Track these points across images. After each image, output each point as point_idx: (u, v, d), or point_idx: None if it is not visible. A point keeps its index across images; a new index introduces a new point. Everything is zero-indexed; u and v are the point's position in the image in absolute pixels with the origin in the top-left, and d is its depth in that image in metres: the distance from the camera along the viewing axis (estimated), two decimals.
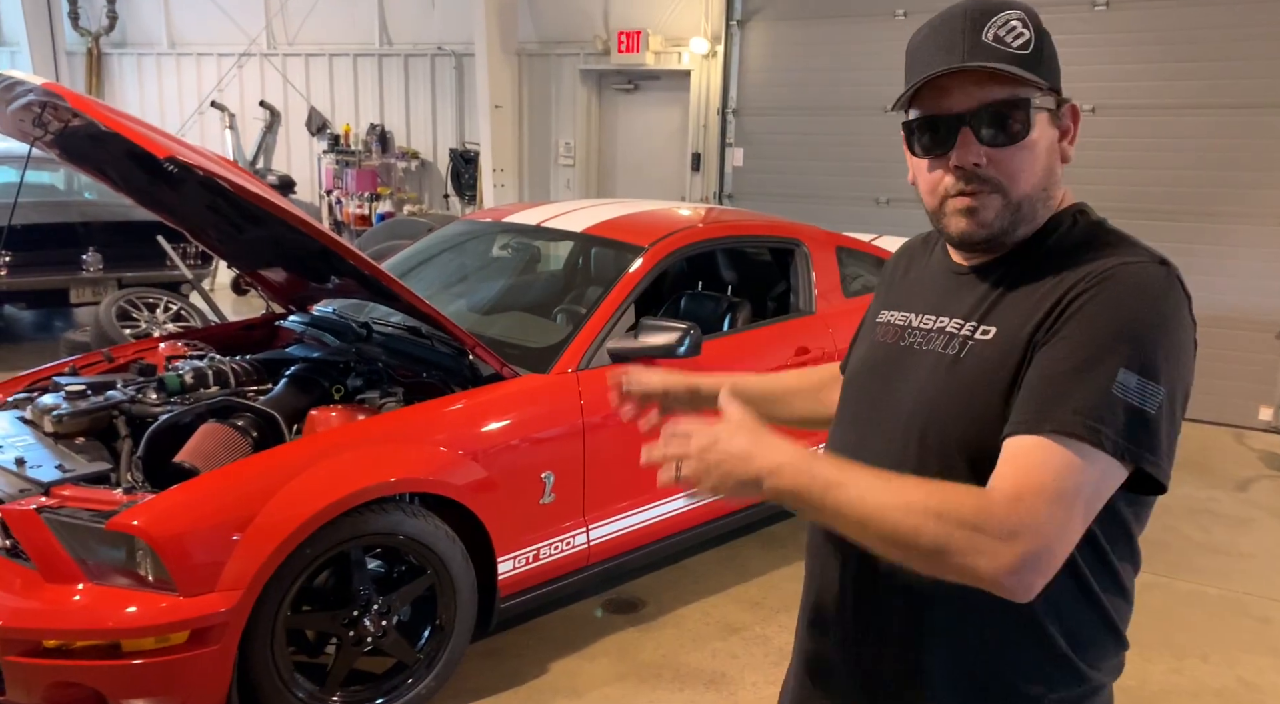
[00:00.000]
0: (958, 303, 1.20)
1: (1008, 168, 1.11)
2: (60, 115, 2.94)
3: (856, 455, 1.19)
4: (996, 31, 1.09)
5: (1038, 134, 1.11)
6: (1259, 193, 5.96)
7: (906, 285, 1.33)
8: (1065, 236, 1.15)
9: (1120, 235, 1.15)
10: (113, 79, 12.64)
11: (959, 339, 1.15)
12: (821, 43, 7.64)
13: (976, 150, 1.11)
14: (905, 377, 1.20)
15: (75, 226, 6.87)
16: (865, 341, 1.35)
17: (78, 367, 3.48)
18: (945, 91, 1.12)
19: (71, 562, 2.46)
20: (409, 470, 2.76)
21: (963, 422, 1.10)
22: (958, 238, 1.17)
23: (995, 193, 1.12)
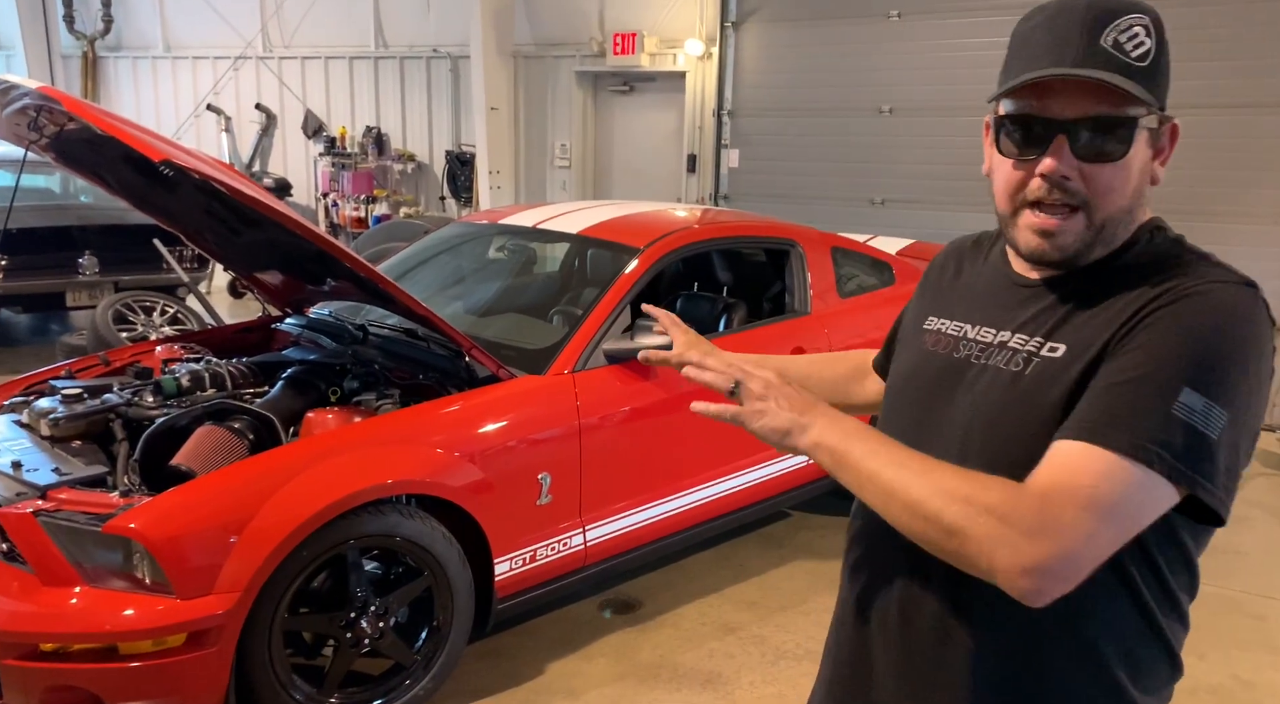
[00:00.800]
0: (1021, 317, 1.13)
1: (1097, 185, 1.04)
2: (56, 119, 2.94)
3: None
4: (1117, 36, 1.01)
5: (1135, 154, 1.05)
6: (1255, 192, 5.99)
7: (957, 292, 1.26)
8: (1142, 253, 1.09)
9: (1202, 254, 1.09)
10: (108, 82, 12.64)
11: (1023, 355, 1.09)
12: (816, 44, 7.66)
13: (1070, 162, 1.03)
14: (962, 391, 1.15)
15: (71, 230, 6.86)
16: (912, 349, 1.28)
17: (74, 370, 3.48)
18: (1049, 92, 1.04)
19: (68, 565, 2.46)
20: (406, 472, 2.76)
21: (1024, 440, 1.04)
22: (1026, 254, 1.11)
23: (1079, 211, 1.05)
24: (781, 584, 3.77)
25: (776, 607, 3.60)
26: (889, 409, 1.30)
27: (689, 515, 3.55)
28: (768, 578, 3.83)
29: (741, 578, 3.81)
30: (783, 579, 3.81)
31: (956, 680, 1.13)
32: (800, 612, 3.56)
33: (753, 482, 3.75)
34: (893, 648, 1.19)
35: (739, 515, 3.80)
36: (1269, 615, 3.67)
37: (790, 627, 3.46)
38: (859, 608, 1.25)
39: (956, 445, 1.12)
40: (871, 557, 1.24)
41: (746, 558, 3.98)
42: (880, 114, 7.38)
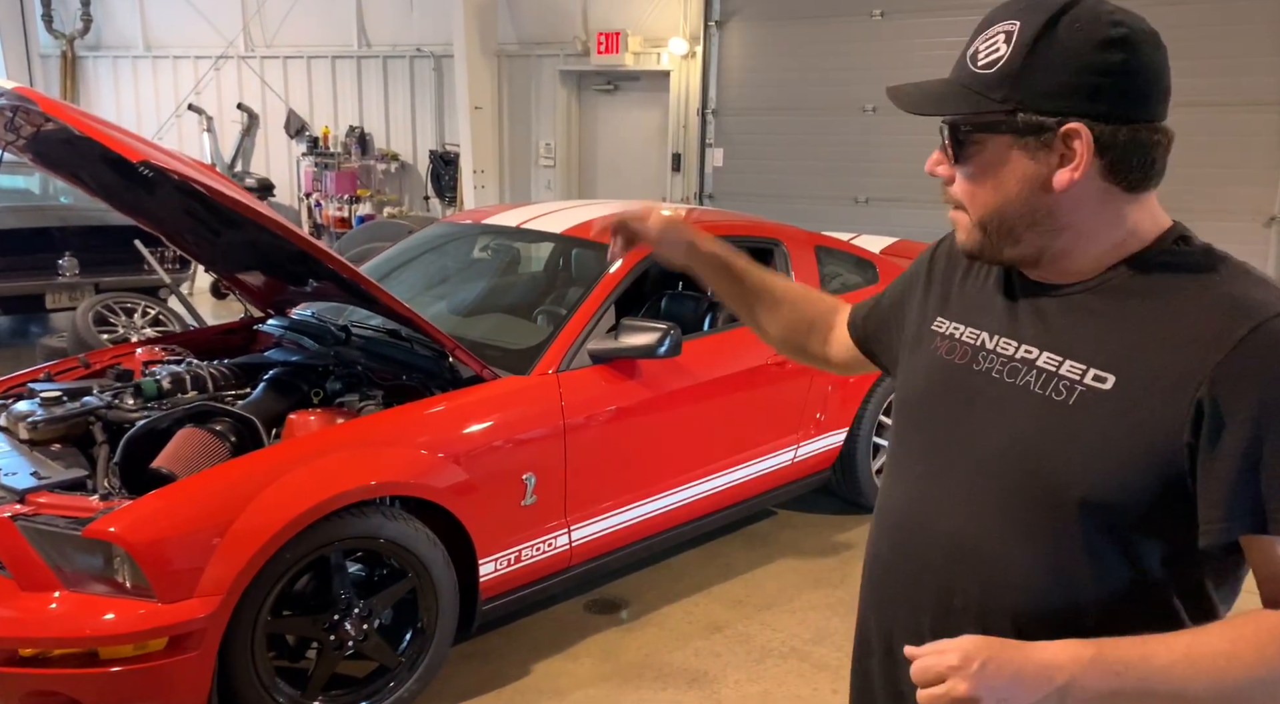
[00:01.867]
0: (1043, 331, 1.09)
1: (960, 187, 1.09)
2: (32, 119, 2.91)
3: (927, 489, 1.15)
4: (979, 45, 1.05)
5: (991, 157, 1.04)
6: (1234, 189, 6.04)
7: (966, 293, 1.22)
8: (1171, 268, 1.04)
9: (1234, 265, 1.04)
10: (88, 82, 12.55)
11: (1064, 381, 1.04)
12: (800, 43, 7.68)
13: (941, 163, 1.10)
14: (986, 409, 1.10)
15: (51, 231, 6.80)
16: (924, 354, 1.22)
17: (53, 372, 3.45)
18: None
19: (48, 569, 2.44)
20: (389, 473, 2.75)
21: (1086, 475, 1.00)
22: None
23: (963, 210, 1.10)
24: (766, 582, 3.77)
25: (762, 605, 3.61)
26: (906, 421, 1.23)
27: (674, 514, 3.56)
28: (753, 576, 3.84)
29: (727, 576, 3.82)
30: (768, 577, 3.82)
31: None
32: (786, 610, 3.57)
33: (737, 480, 3.75)
34: None
35: (724, 514, 3.81)
36: None
37: (776, 624, 3.47)
38: (884, 637, 1.22)
39: (993, 468, 1.08)
40: (898, 588, 1.19)
41: (731, 556, 3.99)
42: (864, 113, 7.41)
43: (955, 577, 1.10)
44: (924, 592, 1.14)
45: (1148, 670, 0.92)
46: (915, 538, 1.16)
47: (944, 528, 1.12)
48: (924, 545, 1.14)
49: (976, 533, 1.09)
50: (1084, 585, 1.03)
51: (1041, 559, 1.04)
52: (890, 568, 1.20)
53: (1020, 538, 1.05)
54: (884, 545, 1.22)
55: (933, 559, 1.13)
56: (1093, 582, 1.02)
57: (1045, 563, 1.04)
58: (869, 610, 1.25)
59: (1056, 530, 1.03)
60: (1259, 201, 6.02)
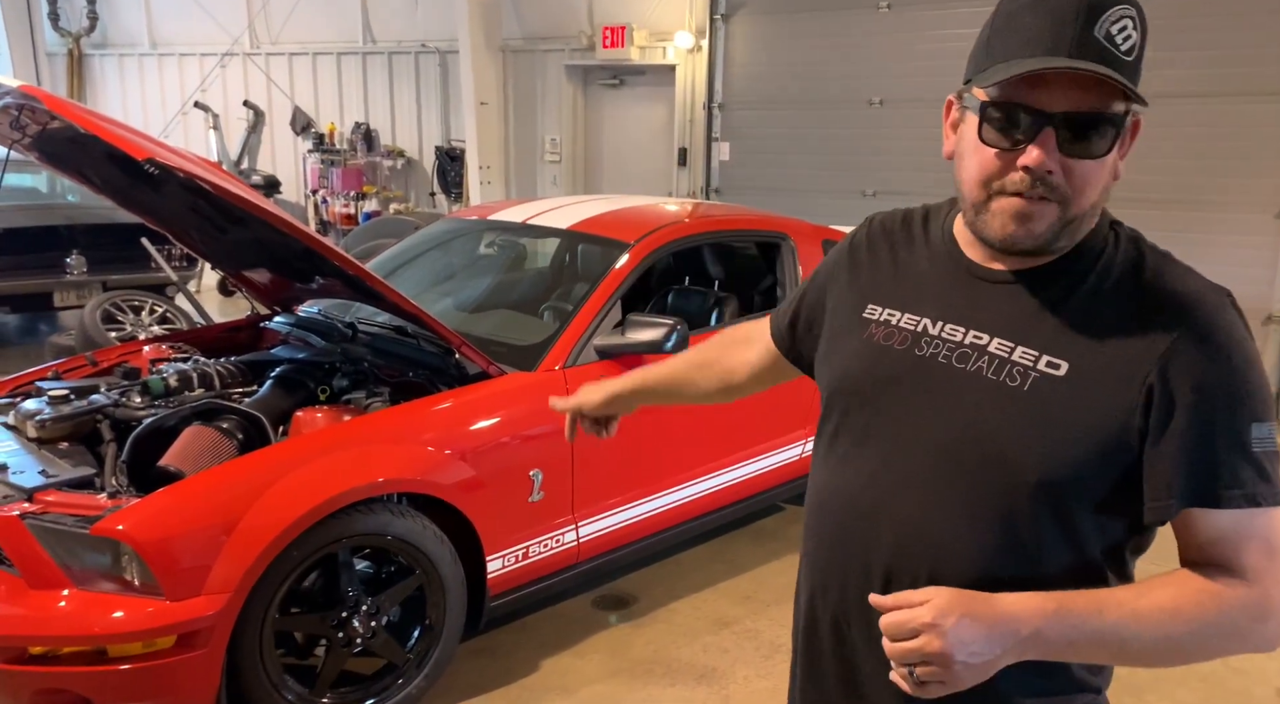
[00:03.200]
0: (994, 317, 1.10)
1: (1077, 181, 1.02)
2: (38, 118, 2.91)
3: (875, 472, 1.15)
4: (1109, 28, 0.98)
5: (1110, 149, 1.03)
6: (1247, 181, 5.99)
7: (900, 278, 1.21)
8: (1114, 256, 1.09)
9: (1163, 254, 1.11)
10: (94, 80, 12.57)
11: (1017, 367, 1.06)
12: (806, 35, 7.64)
13: (1055, 157, 1.01)
14: (939, 395, 1.11)
15: (58, 229, 6.82)
16: (855, 341, 1.21)
17: (61, 371, 3.45)
18: (1040, 83, 1.00)
19: (56, 568, 2.44)
20: (396, 471, 2.75)
21: (1042, 459, 1.04)
22: (1000, 241, 1.06)
23: (1055, 204, 1.03)
24: (774, 578, 3.76)
25: (770, 600, 3.60)
26: (845, 405, 1.20)
27: (682, 511, 3.55)
28: (761, 572, 3.83)
29: (735, 572, 3.81)
30: (776, 573, 3.80)
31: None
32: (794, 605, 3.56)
33: (745, 476, 3.74)
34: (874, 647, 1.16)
35: (731, 510, 3.80)
36: None
37: (784, 620, 3.46)
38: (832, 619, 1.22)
39: (942, 452, 1.10)
40: (845, 570, 1.19)
41: (739, 552, 3.98)
42: (871, 106, 7.37)
43: (904, 558, 1.12)
44: (871, 574, 1.15)
45: (1100, 625, 1.00)
46: (863, 520, 1.16)
47: (893, 510, 1.13)
48: (872, 528, 1.15)
49: (926, 515, 1.10)
50: (1029, 566, 1.07)
51: (991, 540, 1.07)
52: (836, 549, 1.20)
53: (970, 520, 1.08)
54: (828, 527, 1.22)
55: (881, 541, 1.14)
56: (1038, 562, 1.07)
57: (994, 544, 1.07)
58: (815, 592, 1.25)
59: (1008, 513, 1.06)
60: (1270, 194, 5.97)
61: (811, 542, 1.27)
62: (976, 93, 1.05)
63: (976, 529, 1.08)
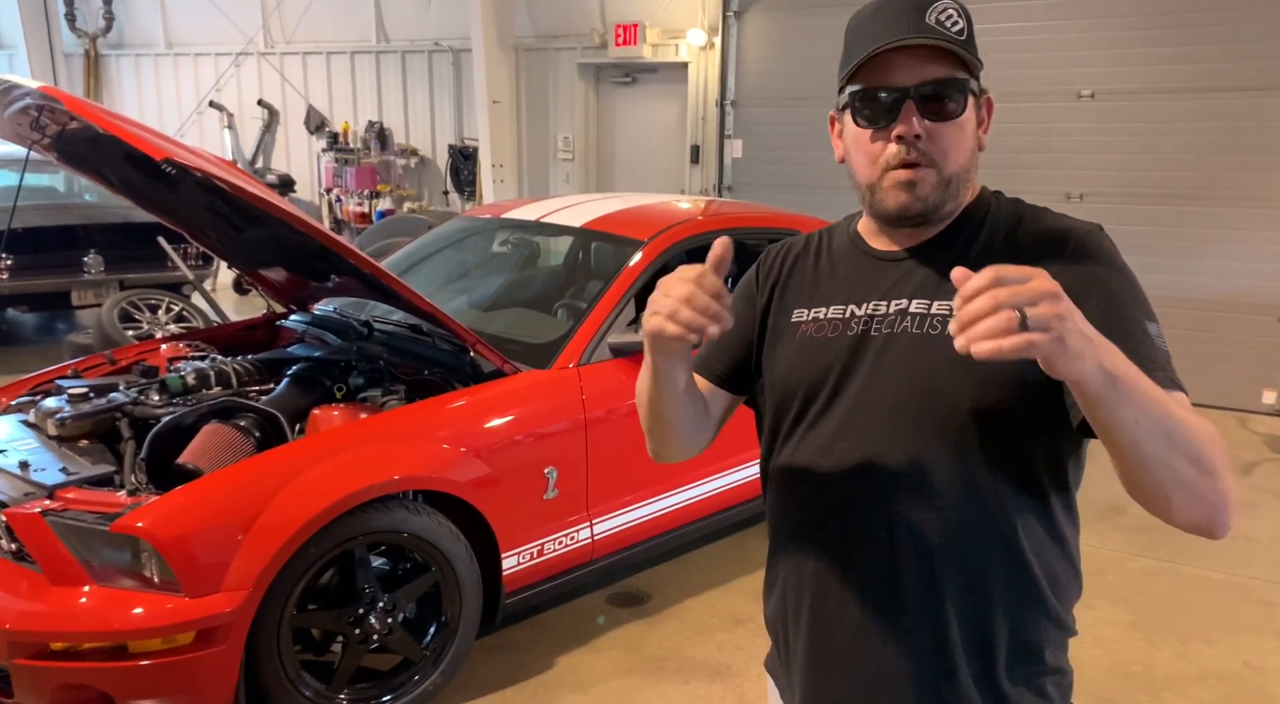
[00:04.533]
0: (908, 284, 1.23)
1: (942, 144, 1.17)
2: (57, 118, 2.94)
3: (839, 446, 1.22)
4: (938, 16, 1.15)
5: (968, 115, 1.18)
6: (1259, 176, 5.94)
7: (812, 284, 1.32)
8: (997, 214, 1.24)
9: (1041, 208, 1.25)
10: (111, 80, 12.65)
11: (936, 318, 1.18)
12: (818, 32, 7.61)
13: (919, 122, 1.15)
14: (878, 360, 1.21)
15: (76, 229, 6.87)
16: (789, 343, 1.30)
17: (80, 369, 3.48)
18: (890, 67, 1.16)
19: (77, 564, 2.47)
20: (412, 468, 2.77)
21: (970, 387, 1.14)
22: (896, 211, 1.19)
23: (930, 168, 1.17)
24: None
25: None
26: (790, 408, 1.28)
27: (696, 508, 3.55)
28: None
29: (749, 570, 3.81)
30: None
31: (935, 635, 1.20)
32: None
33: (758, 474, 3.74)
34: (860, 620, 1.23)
35: (746, 507, 3.80)
36: (1278, 602, 3.66)
37: None
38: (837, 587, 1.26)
39: (895, 407, 1.19)
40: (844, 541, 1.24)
41: (754, 550, 3.98)
42: None
43: (879, 515, 1.20)
44: (853, 539, 1.22)
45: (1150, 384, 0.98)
46: (833, 492, 1.23)
47: (861, 474, 1.21)
48: (843, 496, 1.22)
49: (891, 470, 1.19)
50: (983, 492, 1.16)
51: (945, 473, 1.17)
52: (809, 527, 1.27)
53: (925, 455, 1.17)
54: (796, 508, 1.30)
55: (854, 505, 1.22)
56: (991, 487, 1.16)
57: (949, 476, 1.17)
58: (798, 572, 1.29)
59: (956, 442, 1.16)
60: None
61: (795, 526, 1.32)
62: (844, 93, 1.22)
63: (936, 468, 1.17)
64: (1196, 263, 6.03)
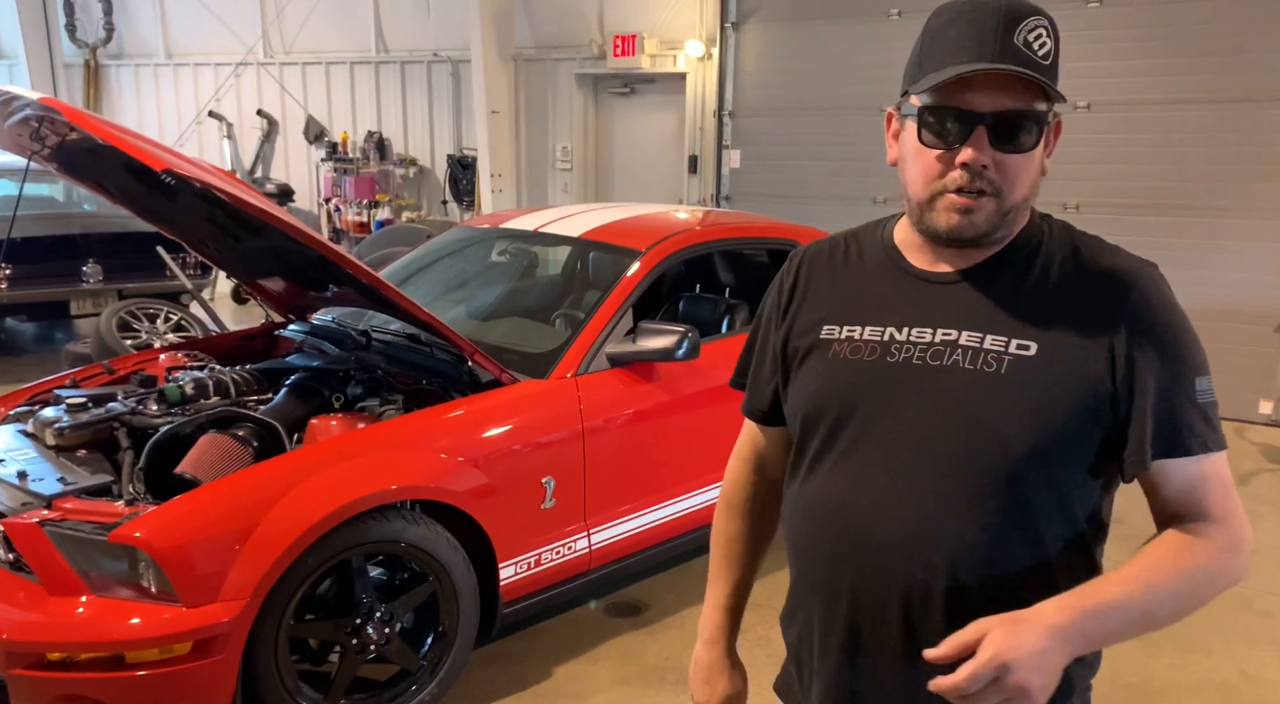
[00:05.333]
0: (957, 314, 1.17)
1: (1009, 175, 1.12)
2: (57, 129, 2.95)
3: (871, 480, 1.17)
4: (1026, 36, 1.09)
5: (1037, 145, 1.13)
6: (1256, 186, 5.96)
7: (847, 296, 1.26)
8: (1051, 245, 1.19)
9: (1094, 238, 1.22)
10: (110, 90, 12.68)
11: (991, 354, 1.14)
12: (816, 43, 7.65)
13: (988, 153, 1.11)
14: (921, 394, 1.15)
15: (75, 238, 6.88)
16: (821, 362, 1.24)
17: (78, 379, 3.49)
18: (969, 86, 1.10)
19: (74, 574, 2.47)
20: (410, 478, 2.77)
21: (1026, 433, 1.11)
22: (946, 233, 1.15)
23: (992, 197, 1.12)
24: (786, 586, 3.75)
25: (780, 607, 3.59)
26: (817, 432, 1.23)
27: (694, 517, 3.55)
28: (773, 579, 3.79)
29: None
30: (787, 580, 3.79)
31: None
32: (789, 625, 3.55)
33: None
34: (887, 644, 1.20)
35: None
36: (1275, 612, 3.66)
37: None
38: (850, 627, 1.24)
39: (934, 446, 1.14)
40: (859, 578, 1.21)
41: None
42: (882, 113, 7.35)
43: (917, 555, 1.15)
44: (888, 575, 1.17)
45: (1129, 607, 1.06)
46: (867, 523, 1.18)
47: (897, 508, 1.16)
48: (878, 528, 1.17)
49: (931, 507, 1.14)
50: (1030, 539, 1.14)
51: (995, 519, 1.13)
52: (840, 558, 1.22)
53: (972, 503, 1.13)
54: (827, 538, 1.24)
55: (891, 540, 1.16)
56: (1038, 534, 1.14)
57: (998, 522, 1.13)
58: (828, 605, 1.25)
59: (1007, 488, 1.12)
60: None
61: (809, 559, 1.29)
62: (913, 101, 1.15)
63: (979, 511, 1.13)
64: (1192, 273, 6.04)
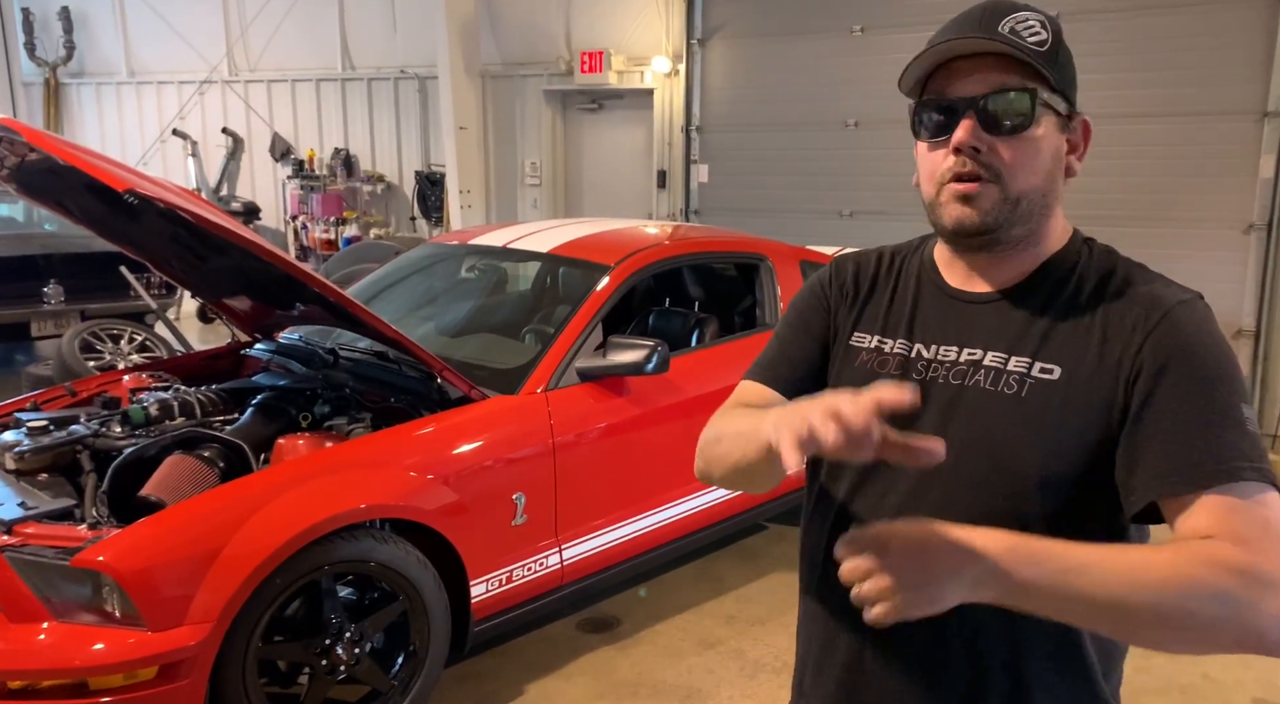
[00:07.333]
0: (985, 334, 1.15)
1: (1006, 157, 1.09)
2: (16, 150, 2.91)
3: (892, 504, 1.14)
4: (1014, 25, 1.09)
5: (1042, 132, 1.10)
6: (1216, 197, 6.10)
7: (881, 306, 1.25)
8: (1088, 266, 1.15)
9: (1136, 263, 1.16)
10: (71, 109, 12.53)
11: (1013, 376, 1.11)
12: (781, 59, 7.73)
13: (978, 133, 1.08)
14: (940, 413, 1.13)
15: (36, 259, 6.77)
16: (845, 370, 1.23)
17: (40, 401, 3.43)
18: (957, 75, 1.10)
19: (36, 600, 2.43)
20: (378, 496, 2.75)
21: (1044, 457, 1.07)
22: (953, 226, 1.12)
23: (993, 183, 1.09)
24: (759, 597, 3.77)
25: (754, 620, 3.61)
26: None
27: (665, 531, 3.56)
28: (745, 591, 3.84)
29: (719, 592, 3.81)
30: (760, 592, 3.82)
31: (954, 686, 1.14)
32: (779, 624, 3.57)
33: (728, 495, 3.75)
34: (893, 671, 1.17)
35: (715, 529, 3.81)
36: None
37: (768, 639, 3.47)
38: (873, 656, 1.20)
39: (948, 471, 1.08)
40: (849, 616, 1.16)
41: (724, 572, 3.99)
42: (846, 128, 7.45)
43: None
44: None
45: (1068, 563, 0.94)
46: None
47: None
48: None
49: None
50: None
51: None
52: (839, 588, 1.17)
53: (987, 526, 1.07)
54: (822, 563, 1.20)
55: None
56: None
57: None
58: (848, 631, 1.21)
59: (1019, 516, 1.07)
60: (1238, 209, 6.08)
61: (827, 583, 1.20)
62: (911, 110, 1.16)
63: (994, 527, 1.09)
64: None
